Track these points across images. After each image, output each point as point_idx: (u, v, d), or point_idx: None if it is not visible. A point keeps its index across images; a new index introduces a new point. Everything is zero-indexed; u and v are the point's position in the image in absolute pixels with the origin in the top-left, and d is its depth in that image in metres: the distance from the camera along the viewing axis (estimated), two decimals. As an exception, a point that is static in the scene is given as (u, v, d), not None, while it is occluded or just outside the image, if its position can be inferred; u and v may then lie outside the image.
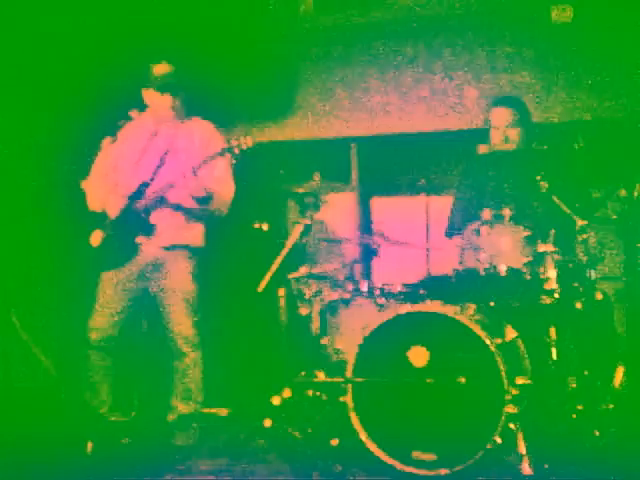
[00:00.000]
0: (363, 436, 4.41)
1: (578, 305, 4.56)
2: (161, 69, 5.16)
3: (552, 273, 4.52)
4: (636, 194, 4.76)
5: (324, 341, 4.90)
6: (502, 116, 5.17)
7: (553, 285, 4.51)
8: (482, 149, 5.13)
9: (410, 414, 4.38)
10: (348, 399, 4.45)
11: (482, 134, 5.26)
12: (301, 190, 5.04)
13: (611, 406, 4.51)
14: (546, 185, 4.69)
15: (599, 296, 4.65)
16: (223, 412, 5.35)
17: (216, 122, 5.31)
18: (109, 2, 6.08)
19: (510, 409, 4.19)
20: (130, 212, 5.03)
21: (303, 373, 4.78)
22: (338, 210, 6.20)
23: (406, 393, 4.37)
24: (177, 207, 5.06)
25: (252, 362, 5.92)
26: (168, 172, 5.05)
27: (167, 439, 5.02)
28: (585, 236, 4.56)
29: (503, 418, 4.19)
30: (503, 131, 5.12)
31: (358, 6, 6.42)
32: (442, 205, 5.61)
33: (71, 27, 6.05)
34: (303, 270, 4.98)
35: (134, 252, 5.02)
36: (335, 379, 4.58)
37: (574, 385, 4.48)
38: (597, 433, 4.39)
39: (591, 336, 4.62)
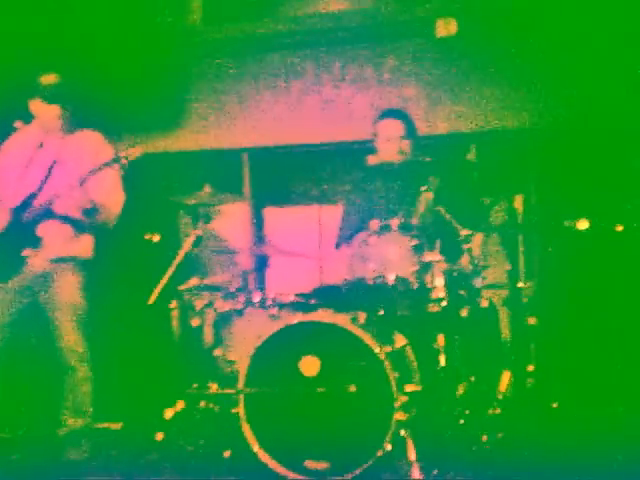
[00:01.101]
0: (256, 447, 4.41)
1: (464, 313, 4.65)
2: (48, 79, 5.08)
3: (439, 282, 4.61)
4: (518, 205, 4.91)
5: (216, 352, 4.88)
6: (389, 128, 5.25)
7: (440, 293, 4.60)
8: (371, 160, 5.20)
9: (302, 424, 4.39)
10: (240, 410, 4.45)
11: (371, 145, 5.34)
12: (192, 201, 5.02)
13: (498, 411, 4.61)
14: (431, 196, 4.78)
15: (484, 303, 4.75)
16: (115, 426, 5.28)
17: (104, 133, 5.25)
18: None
19: (400, 416, 4.25)
20: (16, 225, 4.94)
21: (195, 385, 4.76)
22: (230, 221, 6.20)
23: (298, 403, 4.39)
24: (64, 219, 4.99)
25: (144, 375, 5.86)
26: (55, 183, 4.97)
27: (58, 454, 4.93)
28: (470, 245, 4.67)
29: (393, 425, 4.24)
30: (391, 143, 5.20)
31: (248, 17, 6.45)
32: (333, 215, 5.67)
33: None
34: (194, 281, 4.96)
35: (21, 265, 4.92)
36: (227, 390, 4.57)
37: (462, 391, 4.58)
38: (485, 438, 4.48)
39: (477, 343, 4.72)
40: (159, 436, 4.57)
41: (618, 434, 4.60)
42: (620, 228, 4.92)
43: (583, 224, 4.79)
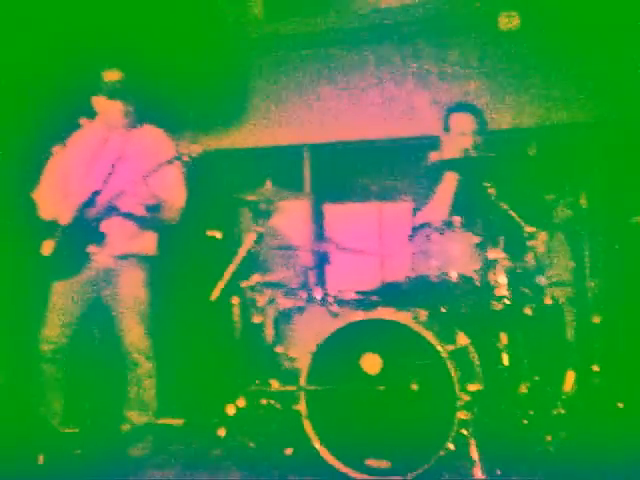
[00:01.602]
0: (317, 444, 4.41)
1: (528, 311, 4.60)
2: (111, 76, 5.12)
3: (502, 279, 4.56)
4: (583, 201, 4.83)
5: (278, 349, 4.90)
6: (462, 122, 5.19)
7: (503, 291, 4.55)
8: (434, 156, 5.16)
9: (363, 422, 4.39)
10: (302, 407, 4.46)
11: (433, 141, 5.30)
12: (254, 198, 5.04)
13: (562, 411, 4.55)
14: (495, 192, 4.73)
15: (548, 301, 4.68)
16: (177, 422, 5.32)
17: (167, 129, 5.28)
18: (58, 8, 6.02)
19: (462, 415, 4.22)
20: (81, 221, 4.99)
21: (257, 382, 4.78)
22: (291, 217, 6.21)
23: (359, 401, 4.38)
24: (128, 215, 5.03)
25: (206, 371, 5.90)
26: (119, 180, 5.02)
27: (121, 450, 4.98)
28: (534, 242, 4.61)
29: (455, 424, 4.22)
30: (462, 137, 5.14)
31: (309, 12, 6.44)
32: (396, 212, 5.64)
33: (19, 34, 5.98)
34: (256, 278, 4.97)
35: (85, 261, 4.97)
36: (289, 387, 4.58)
37: (525, 390, 4.52)
38: (549, 438, 4.42)
39: (541, 342, 4.67)
40: (221, 432, 4.59)
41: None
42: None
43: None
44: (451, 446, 4.20)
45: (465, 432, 4.22)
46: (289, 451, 4.51)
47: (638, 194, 5.32)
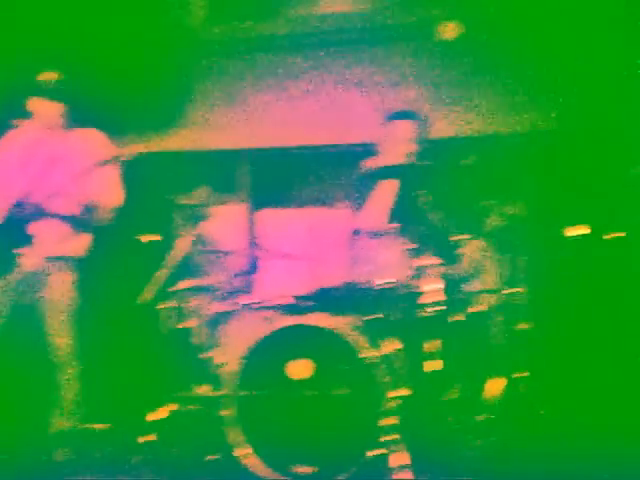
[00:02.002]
0: (244, 450, 4.39)
1: (457, 317, 4.63)
2: (48, 76, 5.08)
3: (433, 286, 4.57)
4: (515, 210, 4.88)
5: (207, 354, 4.87)
6: (402, 130, 5.21)
7: (434, 298, 4.56)
8: (371, 163, 5.18)
9: (291, 427, 4.39)
10: (230, 413, 4.44)
11: (371, 148, 5.31)
12: (189, 201, 5.01)
13: (488, 417, 4.58)
14: (429, 199, 4.76)
15: (477, 308, 4.73)
16: (102, 427, 5.26)
17: (104, 131, 5.24)
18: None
19: (390, 420, 4.24)
20: (12, 222, 4.93)
21: (185, 387, 4.75)
22: (225, 222, 6.18)
23: (288, 406, 4.38)
24: (61, 217, 4.98)
25: (133, 376, 5.83)
26: (53, 181, 4.97)
27: (45, 455, 4.91)
28: (465, 250, 4.65)
29: (383, 429, 4.23)
30: (400, 145, 5.16)
31: (251, 18, 6.42)
32: (331, 218, 5.65)
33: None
34: (188, 282, 4.94)
35: (14, 263, 4.91)
36: (217, 393, 4.56)
37: (453, 396, 4.55)
38: (475, 443, 4.45)
39: (470, 348, 4.70)
40: (146, 438, 4.56)
41: (609, 440, 4.56)
42: (613, 235, 4.90)
43: (577, 231, 4.77)
44: (378, 451, 4.22)
45: (393, 437, 4.23)
46: (214, 457, 4.49)
47: (566, 205, 5.38)
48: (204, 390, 4.66)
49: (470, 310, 4.70)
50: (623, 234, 4.94)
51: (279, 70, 6.44)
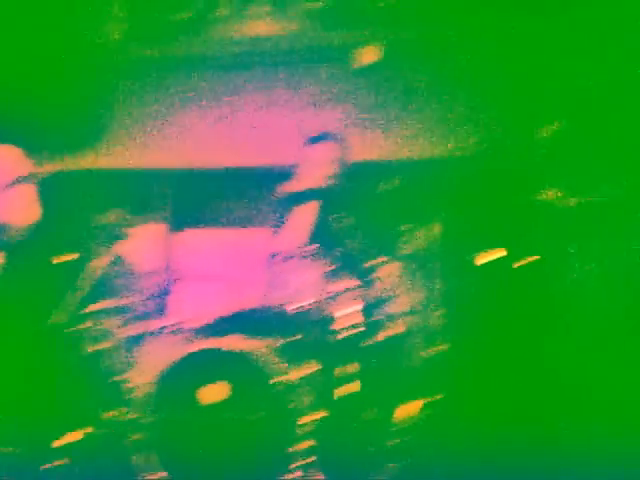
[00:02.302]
0: (156, 475, 4.34)
1: (375, 339, 4.66)
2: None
3: (351, 308, 4.61)
4: (433, 233, 4.93)
5: (120, 377, 4.79)
6: (323, 153, 5.22)
7: (352, 320, 4.59)
8: (292, 185, 5.19)
9: (207, 450, 4.36)
10: (142, 437, 4.38)
11: (292, 170, 5.32)
12: (107, 221, 4.95)
13: (405, 439, 4.61)
14: (349, 222, 4.79)
15: (395, 330, 4.76)
16: (8, 451, 5.14)
17: (21, 148, 5.15)
18: None
19: (305, 443, 4.23)
20: None
21: (97, 410, 4.66)
22: (142, 242, 6.10)
23: (202, 430, 4.34)
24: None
25: (42, 399, 5.71)
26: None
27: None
28: (383, 272, 4.68)
29: (298, 452, 4.22)
30: (320, 167, 5.18)
31: (171, 38, 6.38)
32: (251, 239, 5.63)
33: None
34: (102, 303, 4.87)
35: None
36: (130, 416, 4.50)
37: (371, 418, 4.57)
38: (392, 465, 4.47)
39: (387, 370, 4.73)
40: (55, 462, 4.47)
41: (524, 462, 4.62)
42: (528, 259, 4.98)
43: (492, 255, 4.83)
44: (294, 474, 4.21)
45: (308, 460, 4.23)
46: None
47: (481, 229, 5.45)
48: (116, 414, 4.59)
49: (386, 333, 4.73)
50: (537, 257, 5.03)
51: (199, 91, 6.41)
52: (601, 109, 4.86)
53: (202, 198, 6.36)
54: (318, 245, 4.77)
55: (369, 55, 6.08)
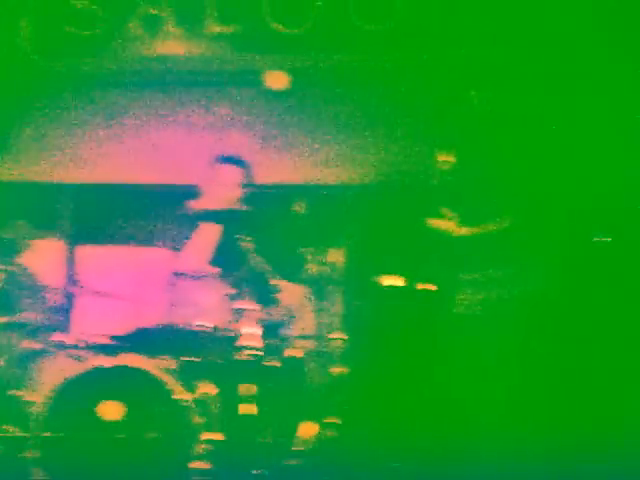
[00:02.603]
0: (50, 493, 4.28)
1: (273, 362, 4.68)
2: None
3: (251, 330, 4.62)
4: (334, 258, 5.01)
5: (15, 393, 4.71)
6: (228, 175, 5.23)
7: (251, 342, 4.61)
8: (195, 205, 5.19)
9: (101, 470, 4.30)
10: (36, 454, 4.31)
11: (196, 190, 5.32)
12: (6, 235, 4.89)
13: (298, 462, 4.64)
14: (251, 244, 4.82)
15: (294, 353, 4.80)
16: None
17: None
18: None
19: (201, 464, 4.23)
20: None
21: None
22: (44, 257, 6.03)
23: (97, 448, 4.30)
24: None
25: None
26: None
27: None
28: (283, 295, 4.72)
29: (195, 472, 4.22)
30: (225, 189, 5.18)
31: (80, 54, 6.31)
32: (152, 257, 5.61)
33: None
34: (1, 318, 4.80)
35: None
36: (24, 433, 4.42)
37: (266, 440, 4.58)
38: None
39: (284, 392, 4.75)
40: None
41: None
42: (426, 286, 5.08)
43: (392, 281, 4.93)
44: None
45: (204, 480, 4.23)
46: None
47: (383, 254, 5.55)
48: (10, 430, 4.50)
49: (286, 354, 4.76)
50: (434, 287, 5.14)
51: (106, 107, 6.37)
52: (494, 143, 5.01)
53: (106, 214, 6.31)
54: (220, 266, 4.79)
55: (279, 80, 6.14)
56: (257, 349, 4.62)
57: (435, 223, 4.35)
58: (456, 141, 5.45)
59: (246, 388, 4.55)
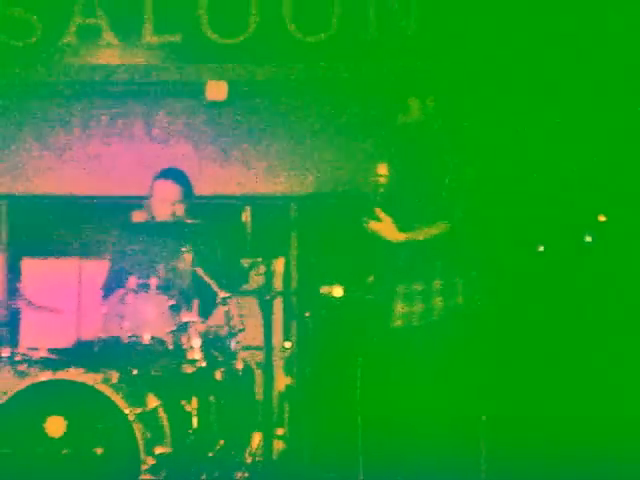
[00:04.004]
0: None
1: (219, 374, 4.66)
2: None
3: (195, 342, 4.58)
4: (277, 268, 5.01)
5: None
6: (168, 188, 5.18)
7: (196, 355, 4.57)
8: (137, 216, 5.14)
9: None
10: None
11: (137, 201, 5.28)
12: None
13: (246, 474, 4.62)
14: (191, 257, 4.80)
15: (240, 365, 4.78)
16: None
17: None
18: None
19: (149, 477, 4.18)
20: None
21: None
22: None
23: (41, 465, 4.23)
24: None
25: None
26: None
27: None
28: (227, 307, 4.70)
29: (141, 488, 4.17)
30: (165, 204, 5.14)
31: (17, 63, 6.22)
32: (94, 270, 5.54)
33: None
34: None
35: None
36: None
37: (213, 454, 4.56)
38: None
39: (231, 404, 4.74)
40: None
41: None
42: (369, 296, 5.10)
43: (338, 291, 4.94)
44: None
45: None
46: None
47: (328, 265, 5.58)
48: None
49: (232, 366, 4.74)
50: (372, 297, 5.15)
51: (45, 118, 6.29)
52: (435, 151, 5.05)
53: (45, 226, 6.23)
54: (161, 278, 4.75)
55: (220, 91, 6.12)
56: (202, 362, 4.59)
57: (376, 230, 4.36)
58: (396, 150, 5.49)
59: (192, 401, 4.52)
